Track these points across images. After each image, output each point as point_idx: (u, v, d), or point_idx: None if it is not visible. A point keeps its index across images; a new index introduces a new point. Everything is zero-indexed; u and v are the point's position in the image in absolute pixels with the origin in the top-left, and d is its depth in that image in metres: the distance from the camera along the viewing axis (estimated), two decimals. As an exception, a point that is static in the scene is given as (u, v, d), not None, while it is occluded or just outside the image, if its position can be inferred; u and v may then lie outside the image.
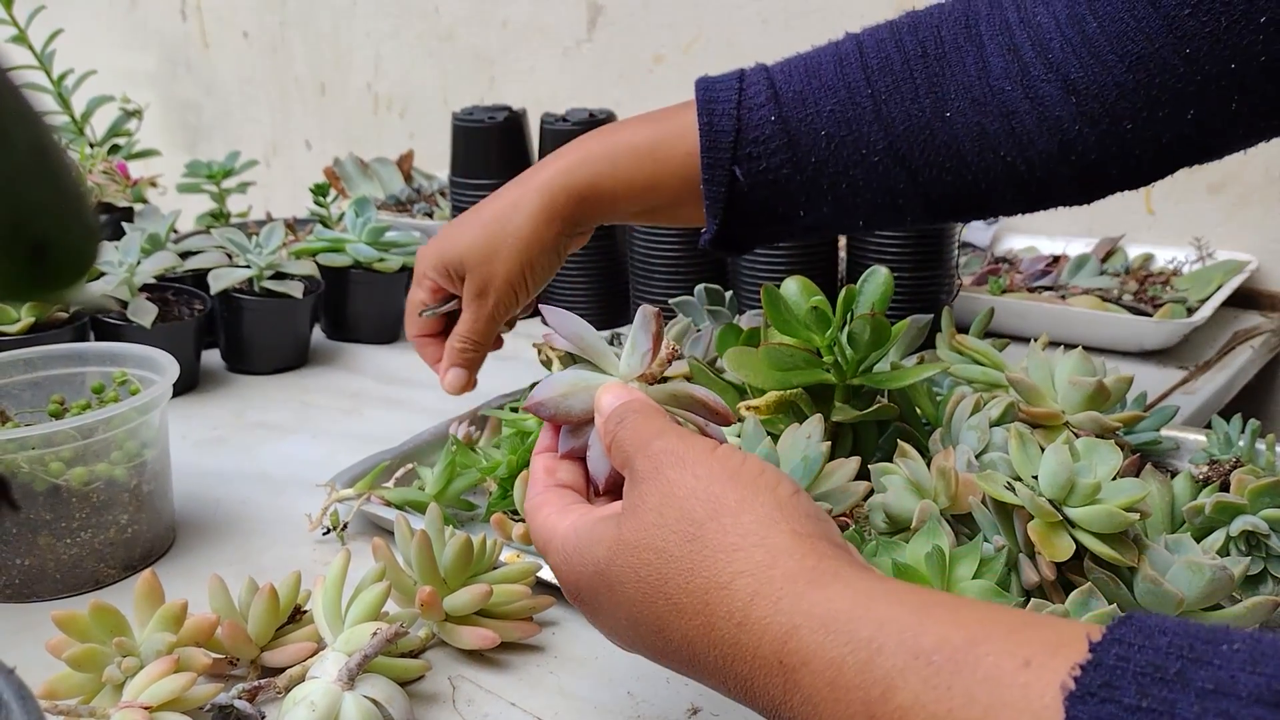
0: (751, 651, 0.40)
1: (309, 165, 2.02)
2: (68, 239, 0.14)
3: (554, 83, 1.67)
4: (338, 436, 0.91)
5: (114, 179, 1.13)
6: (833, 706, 0.38)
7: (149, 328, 0.93)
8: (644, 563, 0.44)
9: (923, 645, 0.36)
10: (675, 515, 0.44)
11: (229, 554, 0.73)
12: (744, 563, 0.42)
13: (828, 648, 0.38)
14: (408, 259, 1.09)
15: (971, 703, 0.34)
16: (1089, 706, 0.32)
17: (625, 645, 0.48)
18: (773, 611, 0.40)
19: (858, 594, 0.39)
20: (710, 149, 0.68)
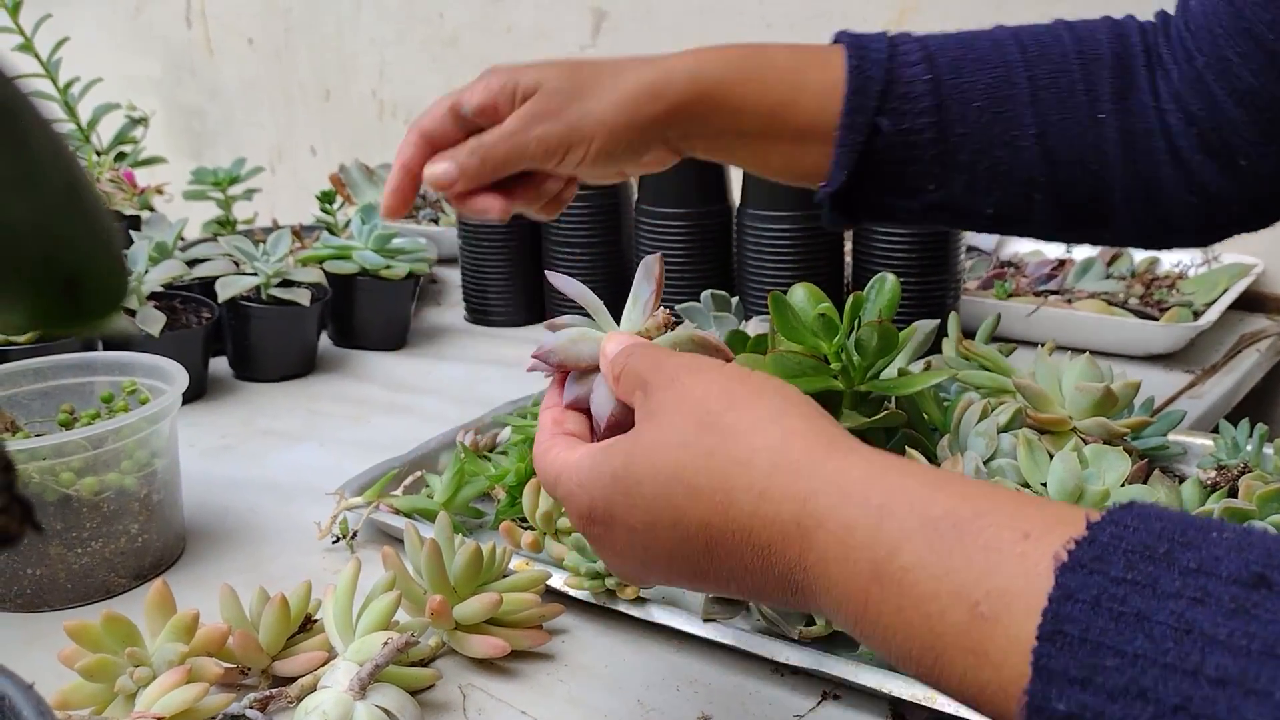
0: (771, 519, 0.42)
1: (314, 171, 2.02)
2: (99, 273, 0.15)
3: (558, 88, 1.67)
4: (345, 444, 0.91)
5: (121, 187, 1.13)
6: (842, 564, 0.40)
7: (157, 336, 0.93)
8: (662, 458, 0.45)
9: (931, 513, 0.38)
10: (691, 410, 0.46)
11: (239, 562, 0.73)
12: (763, 439, 0.44)
13: (842, 511, 0.40)
14: (414, 266, 1.09)
15: (969, 566, 0.36)
16: (1078, 576, 0.34)
17: (637, 566, 0.48)
18: (792, 479, 0.42)
19: (872, 464, 0.42)
20: (857, 93, 0.65)
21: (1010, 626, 0.35)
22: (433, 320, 1.22)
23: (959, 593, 0.36)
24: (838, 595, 0.40)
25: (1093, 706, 0.32)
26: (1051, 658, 0.33)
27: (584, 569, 0.63)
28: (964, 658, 0.36)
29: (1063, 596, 0.33)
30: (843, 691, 0.59)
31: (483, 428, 0.85)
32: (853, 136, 0.65)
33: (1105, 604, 0.33)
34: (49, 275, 0.14)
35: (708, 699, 0.59)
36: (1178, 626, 0.32)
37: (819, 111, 0.65)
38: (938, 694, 0.55)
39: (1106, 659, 0.32)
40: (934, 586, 0.37)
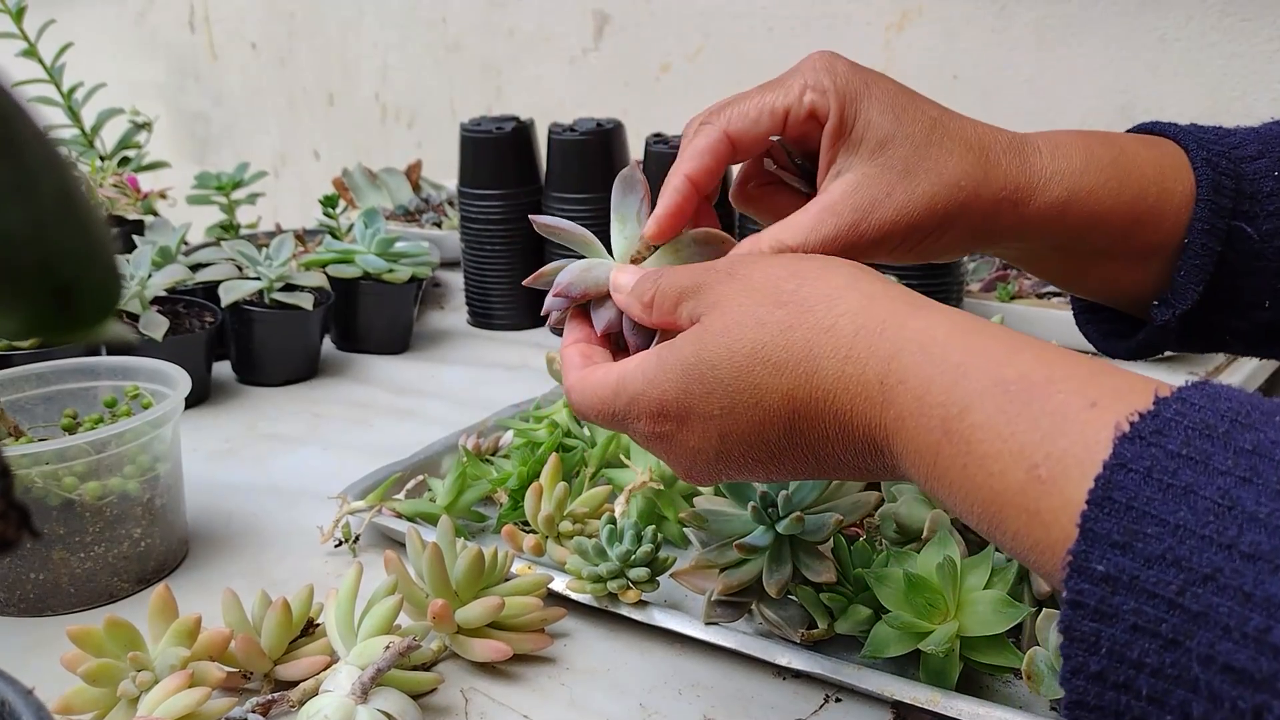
0: (856, 379, 0.43)
1: (317, 175, 2.02)
2: (92, 281, 0.15)
3: (561, 92, 1.67)
4: (348, 448, 0.91)
5: (124, 192, 1.13)
6: (916, 420, 0.41)
7: (160, 341, 0.93)
8: (737, 338, 0.45)
9: (1005, 375, 0.39)
10: (762, 292, 0.45)
11: (241, 566, 0.73)
12: (844, 305, 0.44)
13: (923, 367, 0.41)
14: (417, 269, 1.09)
15: (1034, 428, 0.37)
16: (1135, 447, 0.34)
17: (711, 459, 0.47)
18: (878, 339, 0.43)
19: (955, 324, 0.42)
20: (1213, 192, 0.54)
21: (1065, 489, 0.36)
22: (435, 324, 1.22)
23: (1020, 454, 0.37)
24: (912, 451, 0.41)
25: (1129, 569, 0.33)
26: (1097, 521, 0.34)
27: (586, 572, 0.63)
28: (1019, 516, 0.37)
29: (1117, 465, 0.34)
30: (845, 695, 0.59)
31: (485, 431, 0.85)
32: (1209, 244, 0.54)
33: (1156, 475, 0.34)
34: (42, 283, 0.14)
35: (710, 703, 0.59)
36: (1221, 502, 0.33)
37: (1177, 226, 0.55)
38: (940, 696, 0.55)
39: (1148, 526, 0.33)
40: (998, 446, 0.38)
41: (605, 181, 1.11)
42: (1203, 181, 0.54)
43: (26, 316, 0.14)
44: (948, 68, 1.32)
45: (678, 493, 0.72)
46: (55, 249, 0.14)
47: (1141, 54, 1.19)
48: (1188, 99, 1.18)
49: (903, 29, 1.34)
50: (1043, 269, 0.59)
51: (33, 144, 0.14)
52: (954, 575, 0.57)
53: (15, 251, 0.13)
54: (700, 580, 0.63)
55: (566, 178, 1.12)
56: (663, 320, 0.50)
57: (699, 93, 1.53)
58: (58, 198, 0.14)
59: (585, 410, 0.51)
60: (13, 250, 0.13)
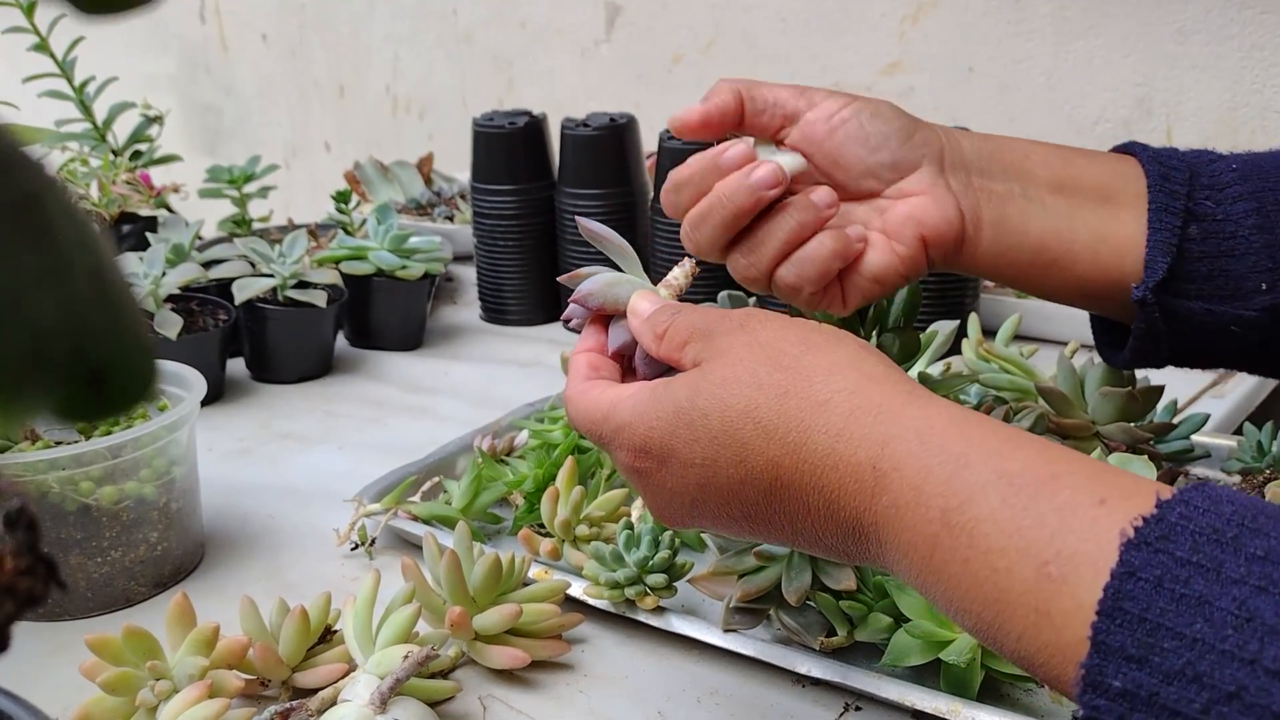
0: (846, 460, 0.42)
1: (329, 167, 2.02)
2: (126, 362, 0.14)
3: (572, 84, 1.66)
4: (363, 447, 0.91)
5: (137, 189, 1.13)
6: (914, 510, 0.40)
7: (174, 339, 0.93)
8: (732, 393, 0.45)
9: (1008, 468, 0.38)
10: (766, 351, 0.45)
11: (258, 570, 0.73)
12: (842, 381, 0.44)
13: (920, 456, 0.40)
14: (430, 266, 1.09)
15: (1042, 525, 0.36)
16: (1142, 554, 0.34)
17: (686, 505, 0.47)
18: (872, 423, 0.42)
19: (953, 415, 0.42)
20: (1162, 180, 0.57)
21: (1078, 590, 0.35)
22: (448, 319, 1.22)
23: (1029, 550, 0.36)
24: (905, 542, 0.40)
25: (1148, 686, 0.32)
26: (1110, 633, 0.33)
27: (603, 578, 0.63)
28: (1027, 616, 0.36)
29: (1125, 573, 0.34)
30: (864, 703, 0.58)
31: (499, 431, 0.84)
32: (1171, 220, 0.56)
33: (1168, 584, 0.33)
34: (76, 368, 0.14)
35: (729, 711, 0.59)
36: (1239, 614, 0.32)
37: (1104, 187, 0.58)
38: (961, 706, 0.54)
39: (1165, 640, 0.32)
40: (1004, 541, 0.37)
41: (618, 177, 1.11)
42: (1151, 172, 0.57)
43: (59, 402, 0.14)
44: (963, 60, 1.31)
45: (694, 496, 0.72)
46: (89, 333, 0.14)
47: (1160, 46, 1.18)
48: (1206, 92, 1.17)
49: (918, 20, 1.33)
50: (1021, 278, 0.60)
51: (64, 224, 0.14)
52: (975, 584, 0.57)
53: (49, 338, 0.13)
54: (718, 586, 0.63)
55: (579, 173, 1.12)
56: (669, 355, 0.49)
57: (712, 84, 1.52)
58: (90, 280, 0.14)
59: (576, 424, 0.51)
60: (47, 337, 0.13)
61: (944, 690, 0.56)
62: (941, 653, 0.56)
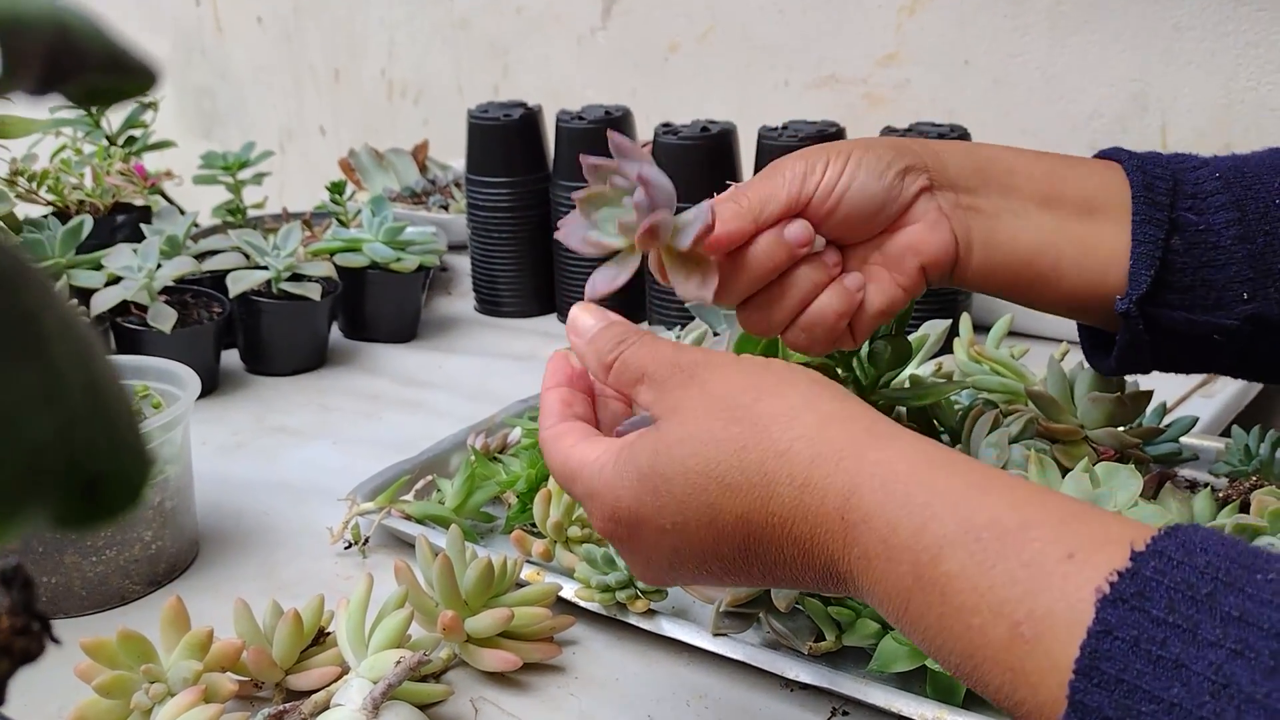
0: (814, 510, 0.42)
1: (324, 152, 2.02)
2: (120, 472, 0.15)
3: (568, 72, 1.66)
4: (357, 442, 0.91)
5: (131, 179, 1.13)
6: (885, 564, 0.40)
7: (169, 333, 0.93)
8: (691, 453, 0.44)
9: (975, 521, 0.38)
10: (720, 404, 0.45)
11: (252, 568, 0.73)
12: (800, 428, 0.43)
13: (886, 509, 0.40)
14: (424, 258, 1.09)
15: (1012, 582, 0.36)
16: (1119, 612, 0.34)
17: (665, 569, 0.47)
18: (835, 470, 0.42)
19: (916, 460, 0.41)
20: (1146, 190, 0.57)
21: (1052, 651, 0.35)
22: (443, 310, 1.22)
23: (1000, 610, 0.36)
24: (880, 593, 0.41)
25: None
26: (1087, 694, 0.33)
27: (595, 581, 0.64)
28: (1002, 674, 0.36)
29: (1102, 632, 0.34)
30: (852, 708, 0.59)
31: (493, 428, 0.85)
32: (1154, 232, 0.56)
33: (1144, 645, 0.33)
34: (71, 481, 0.14)
35: (717, 715, 0.59)
36: (1215, 679, 0.32)
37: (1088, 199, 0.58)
38: (946, 713, 0.55)
39: (1142, 704, 0.33)
40: (975, 600, 0.37)
41: (614, 170, 1.11)
42: (1135, 182, 0.57)
43: (55, 513, 0.14)
44: (959, 53, 1.30)
45: (686, 496, 0.72)
46: (83, 448, 0.14)
47: (1155, 42, 1.18)
48: (1202, 88, 1.17)
49: (914, 12, 1.33)
50: None
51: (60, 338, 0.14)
52: (962, 592, 0.57)
53: (44, 455, 0.13)
54: (709, 590, 0.63)
55: (574, 166, 1.11)
56: (619, 388, 0.49)
57: (708, 74, 1.51)
58: (86, 392, 0.14)
59: (552, 471, 0.50)
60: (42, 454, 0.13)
61: (930, 696, 0.57)
62: (927, 660, 0.57)
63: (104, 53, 0.14)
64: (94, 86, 0.15)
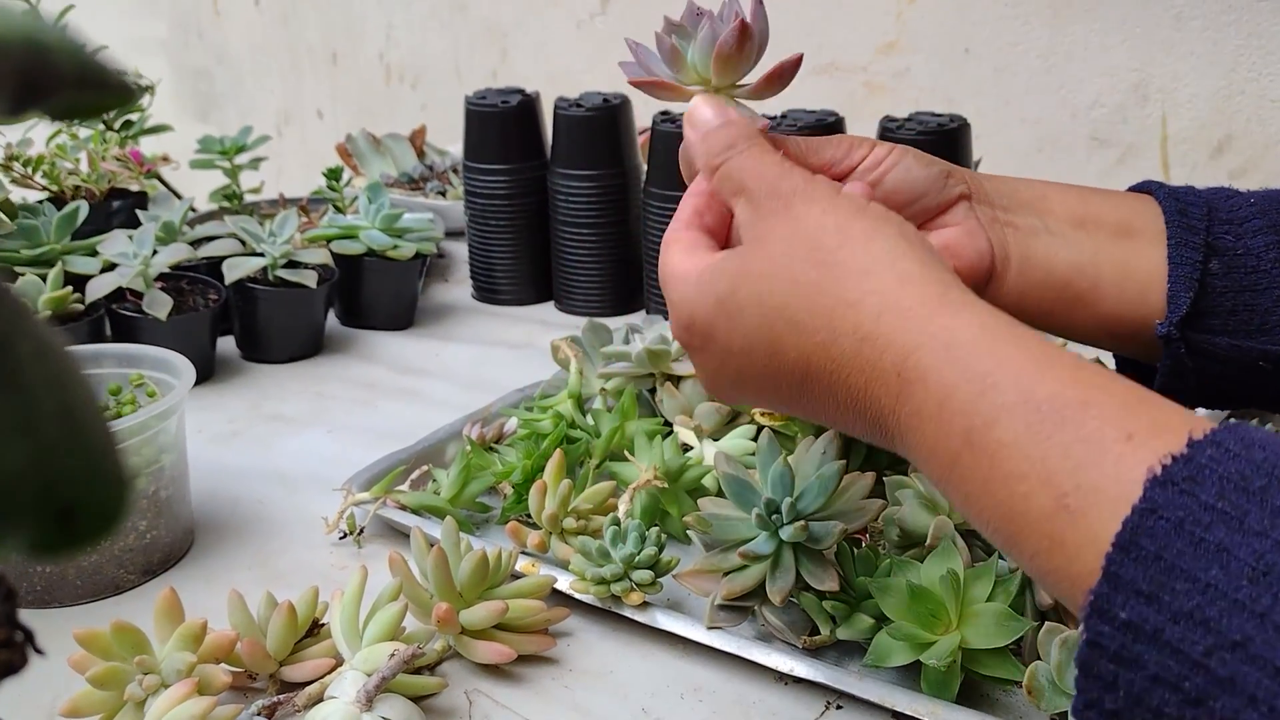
0: (871, 363, 0.43)
1: (321, 135, 2.01)
2: (96, 499, 0.15)
3: (567, 56, 1.65)
4: (353, 430, 0.91)
5: (127, 165, 1.12)
6: (936, 424, 0.40)
7: (164, 320, 0.93)
8: (769, 290, 0.46)
9: (1036, 393, 0.38)
10: (804, 244, 0.46)
11: (246, 558, 0.73)
12: (875, 283, 0.44)
13: (944, 372, 0.41)
14: (421, 246, 1.09)
15: (1065, 456, 0.37)
16: (1167, 493, 0.34)
17: (727, 384, 0.50)
18: (899, 329, 0.42)
19: (984, 328, 0.41)
20: (1180, 215, 0.56)
21: (1094, 525, 0.35)
22: (440, 297, 1.22)
23: (1049, 480, 0.37)
24: (926, 451, 0.41)
25: (1153, 622, 0.33)
26: (1123, 566, 0.34)
27: (590, 574, 0.64)
28: (1040, 542, 0.37)
29: (1147, 510, 0.34)
30: (846, 702, 0.59)
31: (489, 418, 0.85)
32: (1191, 255, 0.56)
33: (1188, 527, 0.33)
34: (45, 509, 0.14)
35: (712, 708, 0.59)
36: (1256, 566, 0.32)
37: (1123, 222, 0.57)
38: (940, 709, 0.55)
39: (1177, 581, 0.33)
40: (1025, 468, 0.37)
41: (611, 158, 1.11)
42: (1168, 208, 0.57)
43: (30, 540, 0.14)
44: (960, 41, 1.30)
45: (682, 488, 0.72)
46: (58, 475, 0.14)
47: (1156, 32, 1.18)
48: (1202, 79, 1.16)
49: (915, 0, 1.32)
50: None
51: (34, 363, 0.14)
52: (957, 587, 0.58)
53: (18, 484, 0.13)
54: (704, 582, 0.63)
55: (572, 154, 1.11)
56: (723, 196, 0.51)
57: (707, 60, 1.51)
58: (61, 418, 0.14)
59: (660, 270, 0.52)
60: (15, 483, 0.13)
61: (925, 690, 0.57)
62: (922, 655, 0.57)
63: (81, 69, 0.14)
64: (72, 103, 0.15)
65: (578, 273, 1.13)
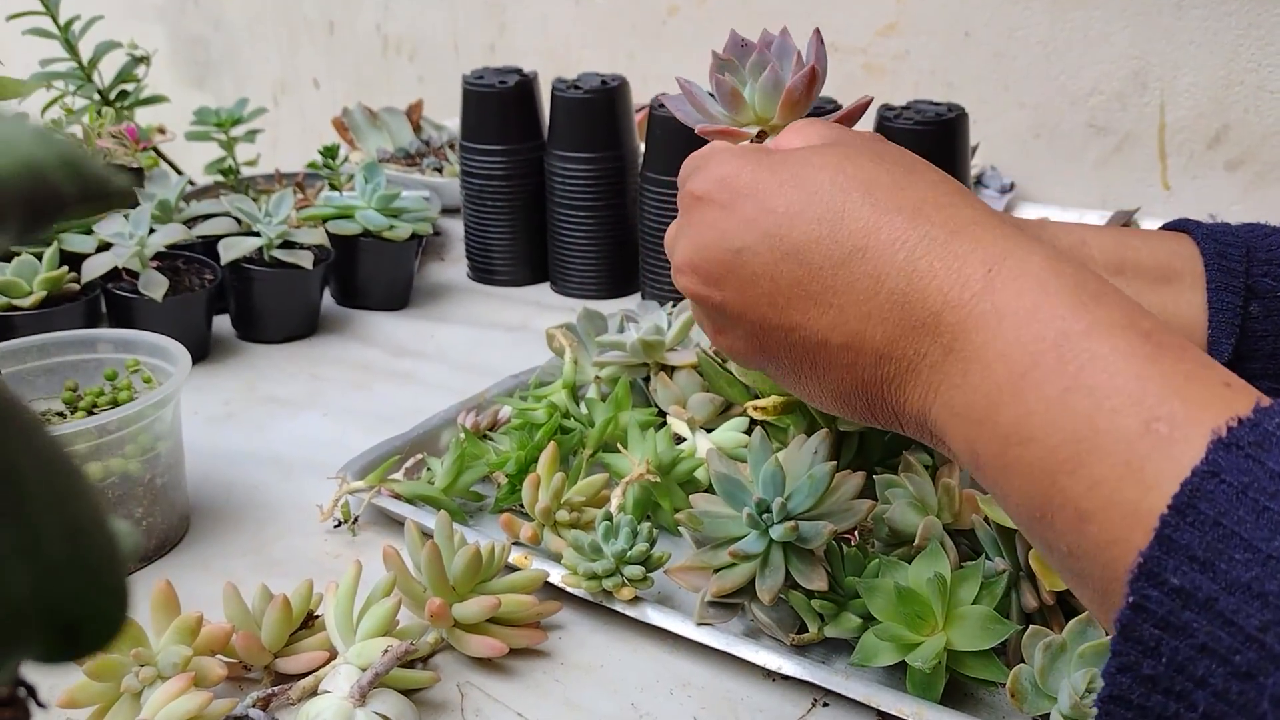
0: (956, 254, 0.40)
1: (318, 105, 2.00)
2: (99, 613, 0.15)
3: (566, 32, 1.64)
4: (348, 414, 0.91)
5: (123, 143, 1.12)
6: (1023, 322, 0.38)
7: (160, 301, 0.93)
8: (853, 161, 0.43)
9: (1141, 324, 0.37)
10: (896, 153, 0.44)
11: (241, 544, 0.74)
12: (969, 199, 0.42)
13: (1048, 277, 0.38)
14: (417, 226, 1.09)
15: (1165, 381, 0.35)
16: (1231, 457, 0.32)
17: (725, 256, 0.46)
18: (998, 234, 0.41)
19: (1084, 265, 0.40)
20: (1219, 258, 0.56)
21: (1183, 455, 0.33)
22: (436, 276, 1.22)
23: (1143, 399, 0.34)
24: (994, 352, 0.38)
25: (1206, 590, 0.31)
26: (1178, 529, 0.32)
27: (581, 569, 0.64)
28: (1114, 466, 0.34)
29: (1209, 473, 0.32)
30: (832, 700, 0.60)
31: (483, 405, 0.85)
32: (1231, 299, 0.55)
33: (1252, 494, 0.31)
34: (49, 627, 0.14)
35: (700, 703, 0.60)
36: None
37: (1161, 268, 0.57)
38: (925, 710, 0.56)
39: (1236, 550, 0.31)
40: (1119, 382, 0.35)
41: (608, 140, 1.10)
42: (1206, 250, 0.55)
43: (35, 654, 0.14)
44: (960, 24, 1.29)
45: (674, 481, 0.73)
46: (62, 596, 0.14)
47: (1157, 20, 1.17)
48: (1202, 68, 1.16)
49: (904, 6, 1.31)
50: None
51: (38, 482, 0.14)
52: (943, 589, 0.58)
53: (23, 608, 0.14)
54: (694, 578, 0.64)
55: (569, 135, 1.11)
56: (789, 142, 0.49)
57: (706, 38, 1.50)
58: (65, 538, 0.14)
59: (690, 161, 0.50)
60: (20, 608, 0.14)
61: (910, 690, 0.58)
62: (907, 656, 0.57)
63: (83, 187, 0.14)
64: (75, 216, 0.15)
65: (574, 255, 1.13)
